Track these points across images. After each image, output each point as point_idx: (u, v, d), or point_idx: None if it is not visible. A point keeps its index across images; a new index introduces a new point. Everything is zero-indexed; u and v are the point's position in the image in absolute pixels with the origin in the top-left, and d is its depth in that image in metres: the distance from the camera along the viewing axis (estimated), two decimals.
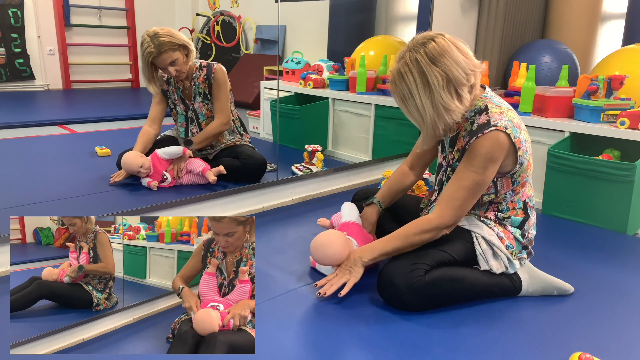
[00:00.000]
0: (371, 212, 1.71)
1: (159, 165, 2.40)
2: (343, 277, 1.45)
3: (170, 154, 2.41)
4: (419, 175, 1.73)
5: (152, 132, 2.54)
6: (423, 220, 1.44)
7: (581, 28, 3.58)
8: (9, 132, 3.56)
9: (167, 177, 2.40)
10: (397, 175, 1.72)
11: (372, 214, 1.71)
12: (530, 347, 1.27)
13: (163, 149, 2.43)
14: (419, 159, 1.71)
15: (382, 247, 1.45)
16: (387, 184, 1.73)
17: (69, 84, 6.08)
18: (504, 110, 1.39)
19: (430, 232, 1.41)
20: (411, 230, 1.42)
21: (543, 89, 2.44)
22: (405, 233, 1.43)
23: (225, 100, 2.53)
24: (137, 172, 2.37)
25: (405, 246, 1.43)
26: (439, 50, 1.32)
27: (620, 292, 1.57)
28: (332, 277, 1.47)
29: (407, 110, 1.39)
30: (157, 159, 2.40)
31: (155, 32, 2.30)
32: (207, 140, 2.54)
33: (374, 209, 1.71)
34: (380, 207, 1.71)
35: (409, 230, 1.43)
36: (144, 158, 2.39)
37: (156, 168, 2.39)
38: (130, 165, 2.36)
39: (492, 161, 1.35)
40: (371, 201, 1.72)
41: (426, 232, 1.41)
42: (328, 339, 1.28)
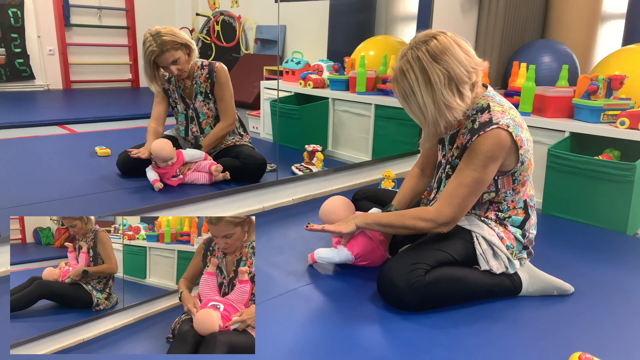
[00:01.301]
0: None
1: (178, 163, 2.40)
2: (334, 227, 1.55)
3: (192, 156, 2.43)
4: (431, 176, 1.69)
5: (160, 129, 2.56)
6: (423, 208, 1.46)
7: (581, 28, 3.58)
8: (9, 132, 3.55)
9: (179, 175, 2.40)
10: (410, 180, 1.70)
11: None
12: (530, 347, 1.27)
13: (188, 151, 2.44)
14: (428, 160, 1.69)
15: (377, 217, 1.51)
16: (402, 190, 1.70)
17: (69, 84, 6.08)
18: (506, 108, 1.39)
19: (426, 222, 1.42)
20: (408, 213, 1.46)
21: (543, 89, 2.44)
22: (402, 214, 1.48)
23: (230, 101, 2.54)
24: (162, 161, 2.36)
25: (399, 225, 1.46)
26: (441, 48, 1.32)
27: (620, 292, 1.57)
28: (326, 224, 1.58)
29: (409, 107, 1.39)
30: (181, 157, 2.41)
31: (157, 30, 2.30)
32: (216, 142, 2.56)
33: None
34: None
35: (406, 213, 1.47)
36: (175, 152, 2.39)
37: (175, 164, 2.39)
38: (166, 153, 2.34)
39: (493, 159, 1.35)
40: (388, 209, 1.68)
41: (421, 220, 1.42)
42: (328, 339, 1.28)
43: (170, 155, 2.35)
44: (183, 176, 2.41)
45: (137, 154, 2.37)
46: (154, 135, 2.49)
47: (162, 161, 2.36)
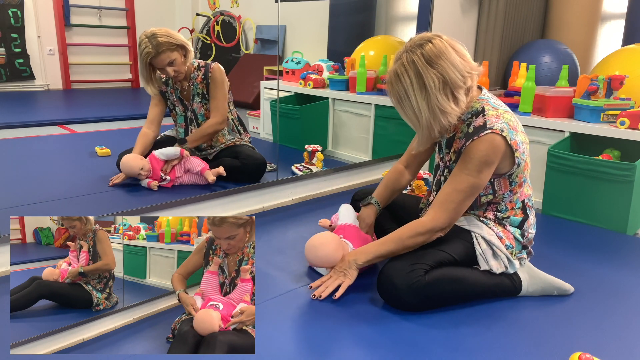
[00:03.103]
0: (368, 213, 1.70)
1: (157, 166, 2.39)
2: (337, 280, 1.46)
3: (167, 155, 2.41)
4: (414, 174, 1.74)
5: (151, 134, 2.53)
6: (417, 223, 1.44)
7: (581, 28, 3.58)
8: (9, 132, 3.55)
9: (167, 178, 2.40)
10: (393, 174, 1.72)
11: (370, 214, 1.70)
12: (530, 347, 1.27)
13: (160, 150, 2.43)
14: (414, 158, 1.71)
15: (377, 250, 1.45)
16: (384, 183, 1.73)
17: (69, 84, 6.08)
18: (500, 112, 1.39)
19: (424, 235, 1.41)
20: (405, 234, 1.43)
21: (543, 89, 2.44)
22: (399, 236, 1.43)
23: (222, 99, 2.51)
24: (137, 175, 2.36)
25: (400, 249, 1.43)
26: (436, 52, 1.32)
27: (620, 292, 1.57)
28: (327, 279, 1.49)
29: (403, 111, 1.39)
30: (155, 160, 2.40)
31: (153, 32, 2.30)
32: (202, 139, 2.53)
33: (372, 209, 1.70)
34: (378, 207, 1.70)
35: (403, 234, 1.43)
36: (143, 160, 2.38)
37: (155, 169, 2.39)
38: (131, 168, 2.36)
39: (487, 164, 1.35)
40: (368, 201, 1.71)
41: (420, 235, 1.41)
42: (328, 339, 1.28)
43: (136, 167, 2.34)
44: (171, 176, 2.40)
45: (114, 182, 2.38)
46: (141, 142, 2.48)
47: (135, 175, 2.36)
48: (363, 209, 1.72)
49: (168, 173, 2.41)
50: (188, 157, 2.45)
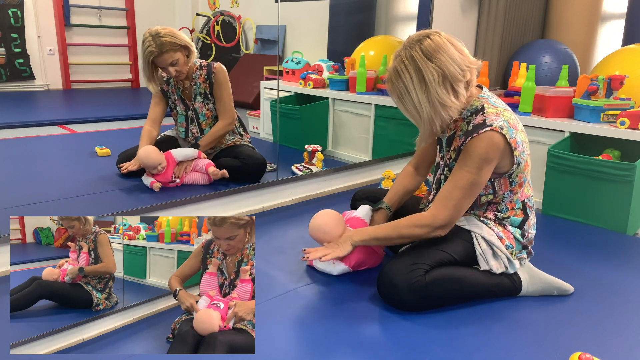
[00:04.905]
0: (380, 218, 1.68)
1: (171, 166, 2.39)
2: (329, 249, 1.52)
3: (186, 156, 2.41)
4: (425, 175, 1.72)
5: (155, 132, 2.54)
6: (417, 215, 1.45)
7: (581, 28, 3.58)
8: (9, 132, 3.55)
9: (176, 180, 2.39)
10: (403, 178, 1.71)
11: (381, 219, 1.68)
12: (530, 347, 1.27)
13: (179, 150, 2.43)
14: (423, 159, 1.70)
15: (373, 232, 1.50)
16: (395, 187, 1.71)
17: (69, 84, 6.08)
18: (500, 110, 1.39)
19: (422, 228, 1.42)
20: (403, 222, 1.45)
21: (543, 89, 2.44)
22: (397, 224, 1.46)
23: (229, 101, 2.53)
24: (152, 169, 2.35)
25: (396, 236, 1.45)
26: (434, 46, 1.33)
27: (620, 292, 1.57)
28: (321, 249, 1.55)
29: (404, 107, 1.40)
30: (172, 159, 2.39)
31: (157, 31, 2.30)
32: (214, 142, 2.55)
33: (383, 214, 1.69)
34: (389, 212, 1.69)
35: (401, 222, 1.46)
36: (162, 156, 2.37)
37: (168, 169, 2.38)
38: (152, 160, 2.33)
39: (486, 162, 1.35)
40: (379, 206, 1.70)
41: (417, 227, 1.42)
42: (328, 339, 1.28)
43: (156, 161, 2.33)
44: (180, 180, 2.40)
45: (126, 168, 2.38)
46: (146, 139, 2.47)
47: (151, 168, 2.35)
48: (374, 215, 1.71)
49: (179, 176, 2.41)
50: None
